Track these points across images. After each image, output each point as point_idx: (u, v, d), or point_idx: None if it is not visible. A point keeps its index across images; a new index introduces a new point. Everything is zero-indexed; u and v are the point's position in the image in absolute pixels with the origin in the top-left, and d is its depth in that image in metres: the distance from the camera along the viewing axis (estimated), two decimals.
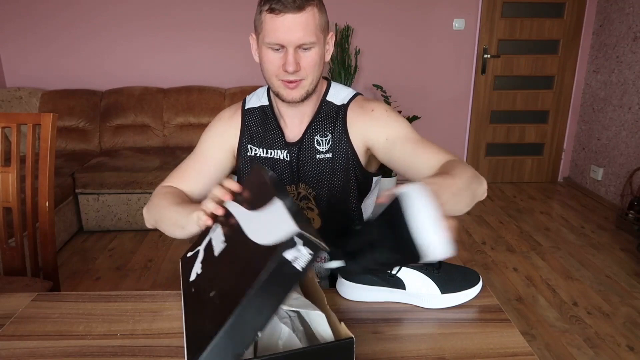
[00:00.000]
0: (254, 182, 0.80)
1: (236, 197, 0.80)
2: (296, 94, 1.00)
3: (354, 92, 1.10)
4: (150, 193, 2.97)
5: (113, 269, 2.62)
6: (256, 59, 1.04)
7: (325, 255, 1.14)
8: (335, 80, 3.72)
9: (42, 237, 1.45)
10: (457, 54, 3.75)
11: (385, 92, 3.52)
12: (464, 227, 3.17)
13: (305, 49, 0.95)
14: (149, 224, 1.10)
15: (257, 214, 0.70)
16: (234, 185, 0.81)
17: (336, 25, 3.52)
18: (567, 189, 3.90)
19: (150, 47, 3.58)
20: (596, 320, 2.14)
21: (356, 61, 3.59)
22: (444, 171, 0.86)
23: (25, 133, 2.96)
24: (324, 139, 1.07)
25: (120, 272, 2.59)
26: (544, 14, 3.67)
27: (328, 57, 1.04)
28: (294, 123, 1.09)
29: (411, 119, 3.56)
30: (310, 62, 0.96)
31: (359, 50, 3.63)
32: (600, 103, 3.63)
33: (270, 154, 1.10)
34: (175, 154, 3.26)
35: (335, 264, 0.71)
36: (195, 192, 1.11)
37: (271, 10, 0.91)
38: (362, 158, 1.08)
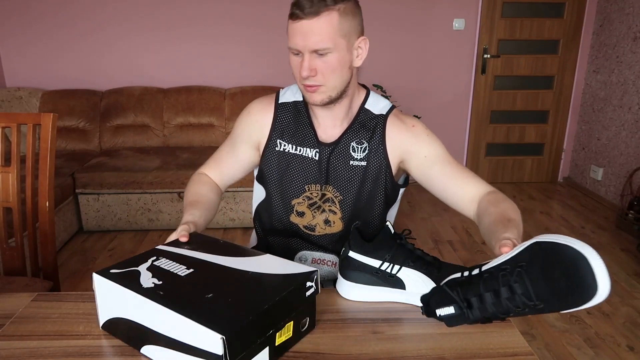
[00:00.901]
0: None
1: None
2: (317, 97, 1.00)
3: (392, 104, 1.12)
4: (151, 193, 2.99)
5: None
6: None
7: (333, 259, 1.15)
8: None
9: (42, 237, 1.45)
10: (457, 54, 3.75)
11: (385, 92, 3.52)
12: (464, 227, 3.17)
13: (321, 54, 0.95)
14: None
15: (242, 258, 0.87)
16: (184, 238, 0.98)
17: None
18: (567, 189, 3.90)
19: (150, 47, 3.58)
20: (596, 320, 2.14)
21: None
22: (502, 214, 0.91)
23: (25, 133, 2.96)
24: (360, 146, 1.08)
25: None
26: (544, 14, 3.67)
27: (359, 63, 1.02)
28: (327, 124, 1.09)
29: None
30: (327, 68, 0.96)
31: None
32: (600, 103, 3.63)
33: (300, 151, 1.09)
34: (175, 154, 3.26)
35: (447, 310, 0.74)
36: (224, 182, 1.21)
37: (291, 16, 0.95)
38: (394, 170, 1.09)
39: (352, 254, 0.92)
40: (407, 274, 0.90)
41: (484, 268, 0.73)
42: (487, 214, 0.94)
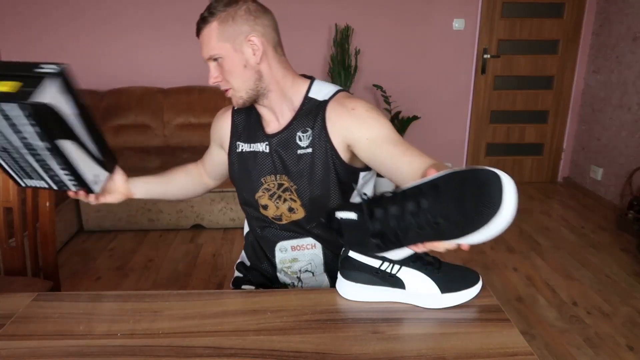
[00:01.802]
0: None
1: None
2: (233, 101, 1.09)
3: (337, 89, 1.11)
4: None
5: (113, 269, 2.62)
6: None
7: None
8: (335, 81, 3.71)
9: (43, 237, 1.45)
10: (457, 54, 3.75)
11: (385, 92, 3.52)
12: None
13: (215, 60, 1.05)
14: None
15: None
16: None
17: (336, 25, 3.52)
18: (567, 189, 3.90)
19: (150, 47, 3.58)
20: (596, 320, 2.14)
21: (356, 61, 3.59)
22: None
23: None
24: (304, 135, 1.09)
25: (120, 272, 2.59)
26: (544, 14, 3.67)
27: (257, 59, 1.04)
28: (271, 118, 1.13)
29: (411, 119, 3.56)
30: (225, 72, 1.05)
31: (359, 50, 3.63)
32: (600, 103, 3.63)
33: (252, 148, 1.14)
34: (175, 154, 3.26)
35: (348, 214, 0.73)
36: (208, 173, 1.34)
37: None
38: (343, 154, 1.07)
39: (352, 253, 0.92)
40: (407, 274, 0.90)
41: (404, 187, 0.71)
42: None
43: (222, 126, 1.21)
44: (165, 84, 3.59)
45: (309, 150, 1.08)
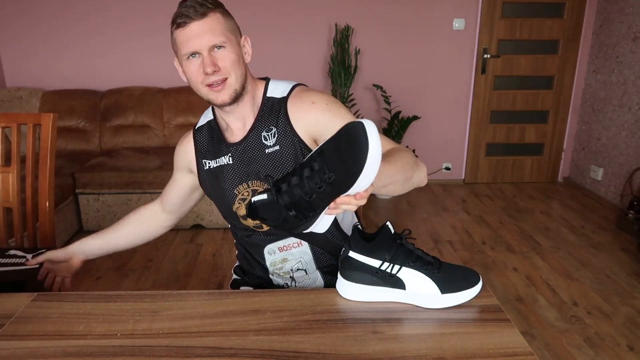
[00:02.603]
0: None
1: None
2: (225, 95, 1.04)
3: (294, 83, 1.13)
4: (150, 193, 2.99)
5: (113, 269, 2.62)
6: (184, 79, 1.10)
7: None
8: (335, 81, 3.71)
9: (42, 237, 1.45)
10: (457, 54, 3.75)
11: (385, 92, 3.52)
12: (464, 227, 3.17)
13: (218, 49, 1.01)
14: None
15: None
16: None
17: (336, 25, 3.52)
18: (567, 189, 3.90)
19: (150, 47, 3.58)
20: (596, 320, 2.14)
21: (356, 61, 3.59)
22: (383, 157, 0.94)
23: (25, 133, 2.97)
24: (269, 134, 1.09)
25: (120, 272, 2.59)
26: (544, 14, 3.67)
27: (248, 59, 1.09)
28: (237, 126, 1.12)
29: (411, 119, 3.56)
30: (228, 60, 1.01)
31: (359, 50, 3.63)
32: (600, 103, 3.63)
33: (218, 162, 1.14)
34: None
35: (260, 197, 0.79)
36: (169, 205, 1.33)
37: (178, 25, 1.01)
38: (311, 146, 1.09)
39: (352, 254, 0.92)
40: (407, 274, 0.90)
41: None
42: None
43: (187, 150, 1.20)
44: (165, 83, 3.59)
45: (276, 147, 1.08)
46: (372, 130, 0.71)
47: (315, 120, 1.06)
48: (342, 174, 0.72)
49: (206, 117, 1.21)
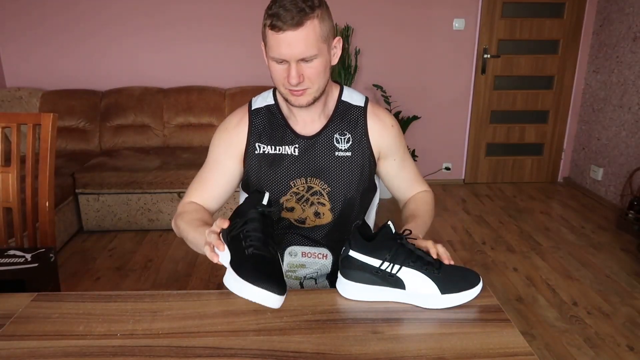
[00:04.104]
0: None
1: None
2: (303, 100, 1.04)
3: (365, 96, 1.18)
4: (151, 193, 2.99)
5: (113, 269, 2.62)
6: (267, 62, 1.07)
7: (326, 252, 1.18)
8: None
9: (42, 237, 1.45)
10: (457, 54, 3.75)
11: (385, 92, 3.52)
12: (464, 227, 3.17)
13: (307, 61, 0.98)
14: (178, 236, 1.15)
15: None
16: (224, 224, 0.89)
17: (336, 25, 3.52)
18: (567, 189, 3.90)
19: (150, 47, 3.58)
20: (596, 320, 2.14)
21: (356, 61, 3.59)
22: (414, 211, 1.17)
23: (25, 133, 2.97)
24: (343, 137, 1.12)
25: (120, 272, 2.59)
26: (544, 14, 3.67)
27: (335, 61, 1.06)
28: (305, 120, 1.12)
29: (411, 119, 3.56)
30: (314, 73, 1.00)
31: (359, 50, 3.63)
32: (600, 103, 3.63)
33: (279, 150, 1.12)
34: (175, 154, 3.26)
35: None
36: (214, 203, 1.18)
37: (272, 27, 0.96)
38: (376, 160, 1.17)
39: (352, 253, 0.92)
40: (407, 274, 0.90)
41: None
42: (406, 207, 1.22)
43: (239, 131, 1.14)
44: (165, 83, 3.59)
45: (348, 153, 1.12)
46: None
47: (389, 142, 1.16)
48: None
49: (265, 100, 1.16)
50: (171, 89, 3.52)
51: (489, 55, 3.72)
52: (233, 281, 0.84)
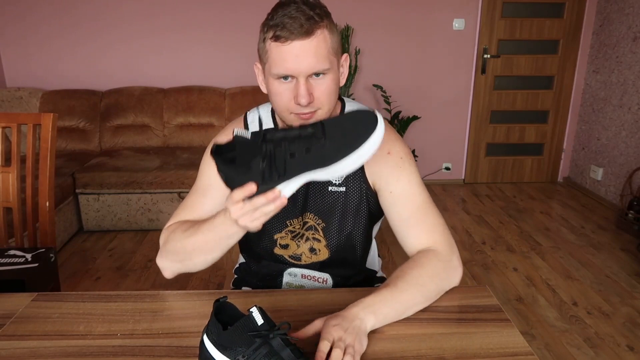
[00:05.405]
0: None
1: None
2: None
3: (372, 111, 1.03)
4: (151, 193, 2.99)
5: (113, 269, 2.62)
6: (263, 89, 0.93)
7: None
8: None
9: (42, 237, 1.45)
10: (457, 54, 3.75)
11: (385, 92, 3.52)
12: (464, 227, 3.17)
13: (317, 77, 0.85)
14: (170, 272, 1.00)
15: None
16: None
17: (336, 25, 3.52)
18: (567, 189, 3.90)
19: (150, 47, 3.58)
20: (596, 320, 2.14)
21: (356, 61, 3.59)
22: (399, 276, 0.88)
23: (25, 133, 2.97)
24: None
25: (120, 272, 2.59)
26: (544, 14, 3.67)
27: (343, 81, 0.93)
28: None
29: (411, 119, 3.56)
30: (325, 91, 0.86)
31: (359, 50, 3.63)
32: (600, 103, 3.63)
33: None
34: (175, 154, 3.26)
35: (246, 133, 0.74)
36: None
37: (276, 38, 0.83)
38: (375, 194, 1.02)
39: (206, 341, 0.73)
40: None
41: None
42: (401, 267, 0.92)
43: None
44: (165, 83, 3.59)
45: (342, 188, 0.99)
46: (381, 121, 0.74)
47: (383, 173, 0.97)
48: (337, 145, 0.71)
49: (264, 122, 1.02)
50: (171, 89, 3.52)
51: (489, 55, 3.72)
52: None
